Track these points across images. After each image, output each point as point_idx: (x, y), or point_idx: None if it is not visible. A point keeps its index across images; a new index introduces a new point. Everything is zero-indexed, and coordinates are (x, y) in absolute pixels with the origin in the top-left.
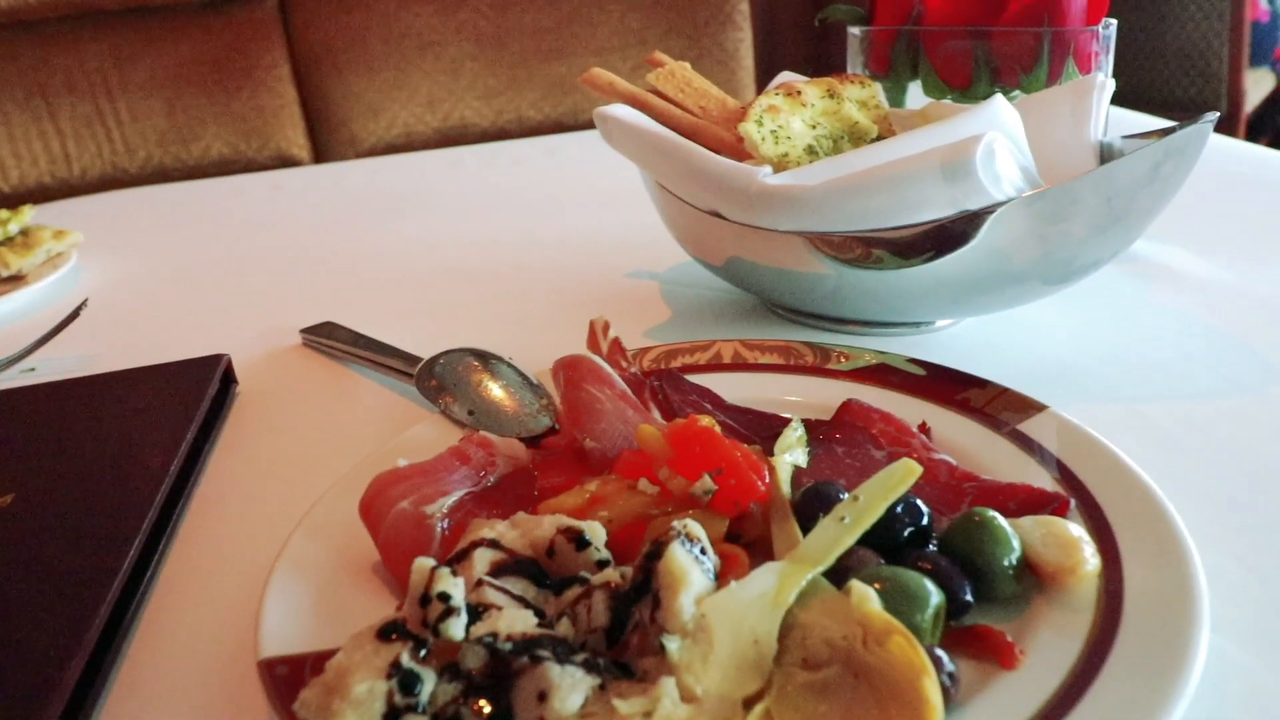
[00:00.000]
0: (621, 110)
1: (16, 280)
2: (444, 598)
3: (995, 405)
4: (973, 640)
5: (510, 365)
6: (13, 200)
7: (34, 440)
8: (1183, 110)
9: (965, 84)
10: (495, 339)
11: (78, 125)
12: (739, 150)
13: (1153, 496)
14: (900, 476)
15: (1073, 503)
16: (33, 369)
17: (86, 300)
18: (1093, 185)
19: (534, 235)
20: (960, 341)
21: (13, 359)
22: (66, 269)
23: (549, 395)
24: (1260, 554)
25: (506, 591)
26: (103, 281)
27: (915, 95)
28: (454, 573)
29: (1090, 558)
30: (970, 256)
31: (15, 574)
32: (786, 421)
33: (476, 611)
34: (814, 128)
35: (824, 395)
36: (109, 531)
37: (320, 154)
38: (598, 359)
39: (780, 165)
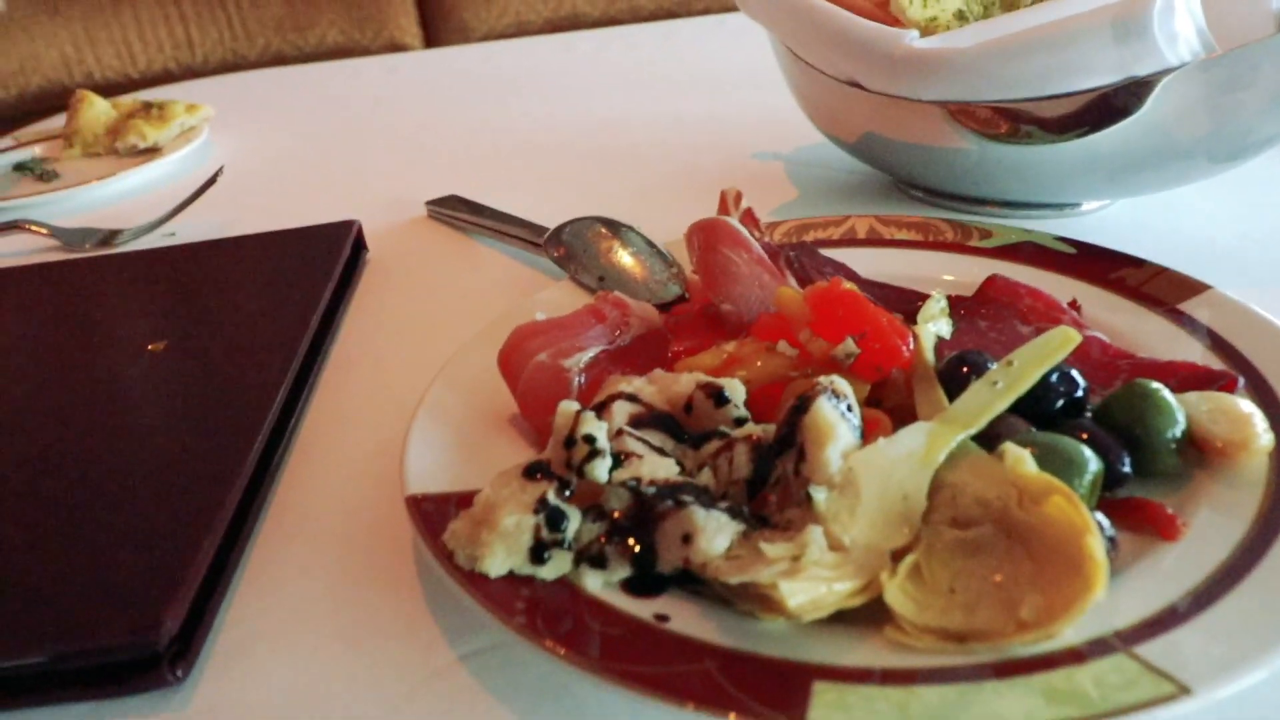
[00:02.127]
0: None
1: (153, 152)
2: (589, 440)
3: (1153, 285)
4: (1131, 512)
5: (638, 233)
6: (140, 86)
7: (181, 296)
8: None
9: None
10: (619, 211)
11: (200, 10)
12: (881, 19)
13: None
14: (1058, 344)
15: (1240, 381)
16: (173, 234)
17: (222, 168)
18: (1275, 52)
19: (653, 116)
20: (1110, 224)
21: (155, 223)
22: (199, 141)
23: (678, 264)
24: None
25: (647, 443)
26: (234, 154)
27: None
28: (598, 415)
29: (1264, 433)
30: (1131, 130)
31: (171, 412)
32: (926, 297)
33: (618, 458)
34: None
35: (966, 272)
36: (256, 377)
37: (432, 42)
38: (734, 222)
39: (928, 29)
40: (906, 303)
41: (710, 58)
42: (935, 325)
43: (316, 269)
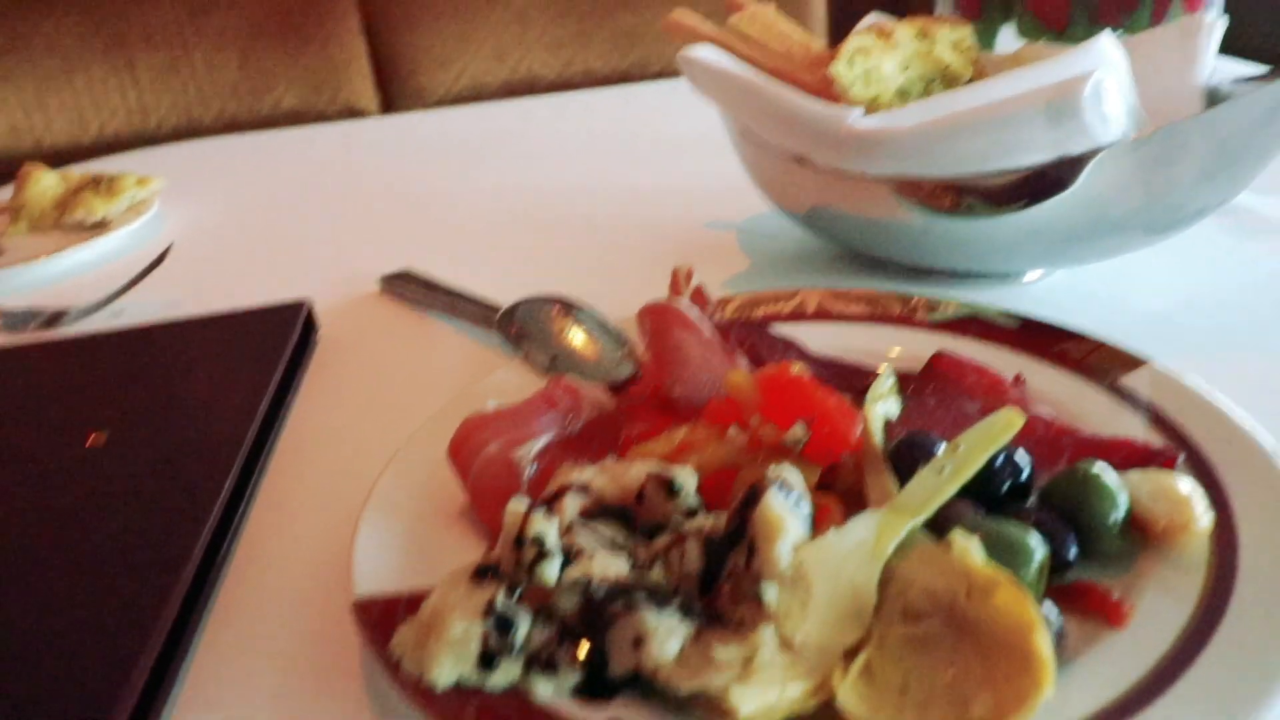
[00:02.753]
0: (706, 52)
1: (101, 226)
2: (538, 540)
3: (1094, 358)
4: (1077, 597)
5: (590, 312)
6: (93, 151)
7: (124, 382)
8: (1260, 57)
9: (1062, 25)
10: (572, 287)
11: (154, 76)
12: (825, 94)
13: (1265, 451)
14: (1002, 427)
15: (1180, 457)
16: (120, 312)
17: (171, 245)
18: (1204, 128)
19: (607, 185)
20: (1051, 293)
21: (101, 303)
22: (149, 215)
23: (630, 342)
24: None
25: (598, 537)
26: (185, 228)
27: (1007, 38)
28: (548, 514)
29: (1203, 514)
30: (1068, 203)
31: (110, 511)
32: (875, 373)
33: (569, 555)
34: (905, 70)
35: (913, 347)
36: (200, 471)
37: (389, 106)
38: (685, 304)
39: (871, 108)
40: (857, 379)
41: (665, 123)
42: (883, 405)
43: (265, 353)
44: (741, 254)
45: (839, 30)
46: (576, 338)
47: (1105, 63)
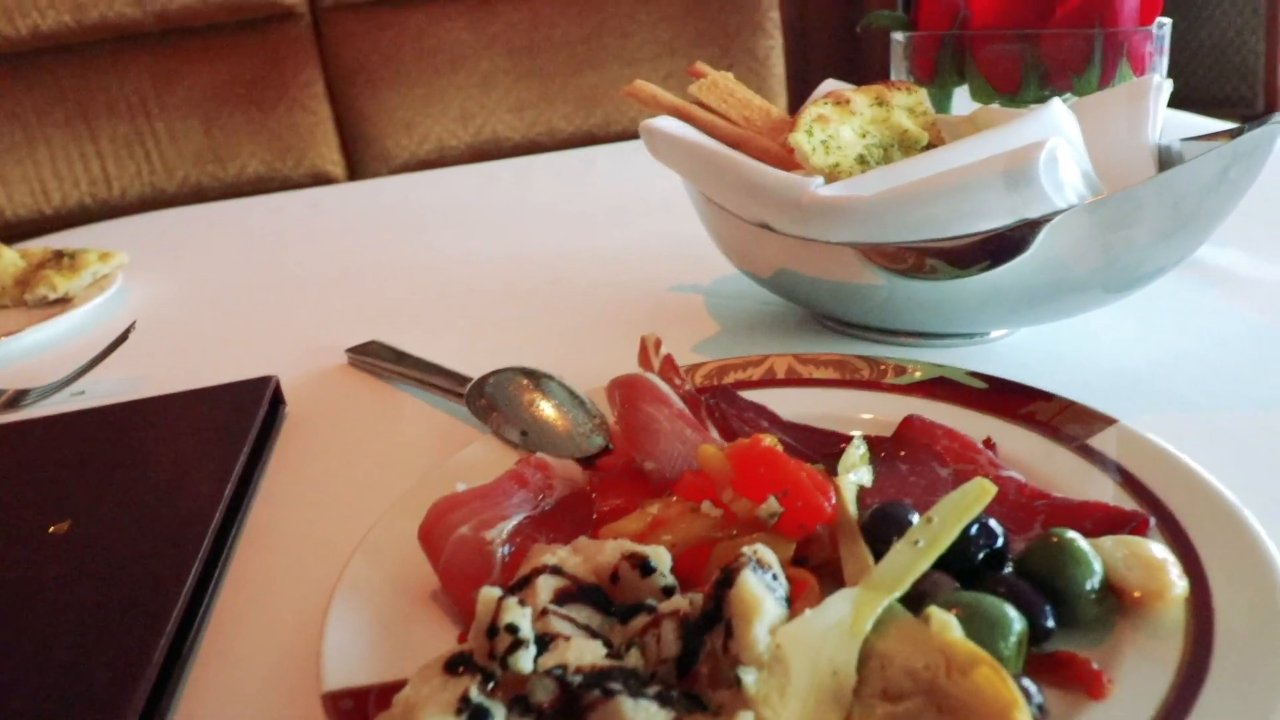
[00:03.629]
0: (666, 123)
1: (64, 303)
2: (511, 629)
3: (1061, 419)
4: (1057, 668)
5: (560, 383)
6: (55, 222)
7: (87, 466)
8: (1219, 107)
9: (1014, 89)
10: (541, 355)
11: (117, 146)
12: (785, 160)
13: (1234, 511)
14: (974, 497)
15: (1152, 521)
16: (82, 392)
17: (135, 323)
18: (1158, 191)
19: (573, 249)
20: (1017, 352)
21: (62, 383)
22: (112, 291)
23: (601, 413)
24: None
25: (572, 620)
26: (148, 302)
27: (961, 100)
28: (521, 602)
29: (1177, 580)
30: (1028, 265)
31: (74, 602)
32: (846, 439)
33: (544, 642)
34: (864, 136)
35: (883, 410)
36: (165, 559)
37: (354, 170)
38: (654, 377)
39: (831, 175)
40: (828, 446)
41: (630, 185)
42: (856, 475)
43: (231, 431)
44: (710, 317)
45: (798, 94)
46: (547, 410)
47: (1058, 129)
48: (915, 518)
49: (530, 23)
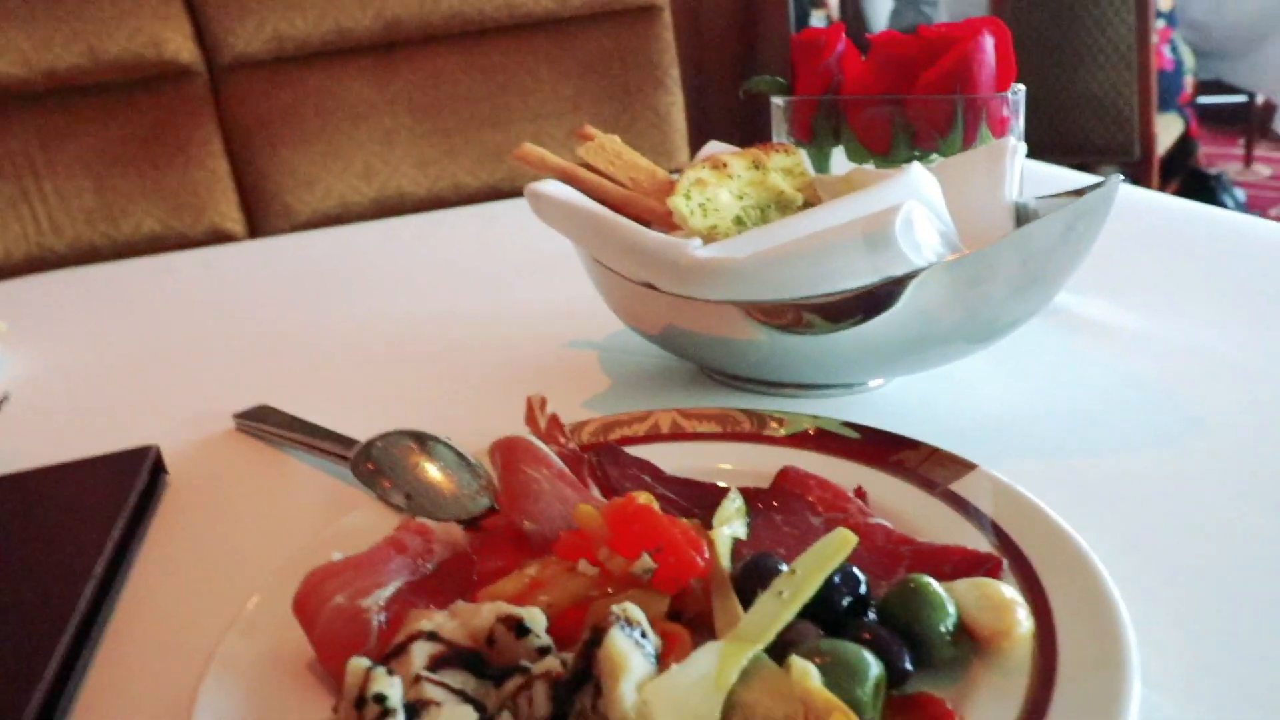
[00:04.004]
0: (552, 186)
1: None
2: (379, 699)
3: (927, 466)
4: (914, 709)
5: (448, 445)
6: None
7: None
8: (1100, 155)
9: (885, 149)
10: (434, 416)
11: (2, 206)
12: (670, 221)
13: (1082, 554)
14: (836, 547)
15: (1005, 563)
16: None
17: (8, 395)
18: (1009, 248)
19: (471, 308)
20: (892, 401)
21: None
22: None
23: (488, 474)
24: (1189, 605)
25: (446, 686)
26: (25, 373)
27: (839, 160)
28: (390, 671)
29: (1023, 620)
30: (896, 319)
31: None
32: (725, 491)
33: (415, 710)
34: (741, 198)
35: (762, 462)
36: (32, 636)
37: (255, 227)
38: (533, 439)
39: (710, 237)
40: (708, 498)
41: (530, 242)
42: (730, 528)
43: (107, 504)
44: (602, 373)
45: (699, 148)
46: (432, 473)
47: (917, 191)
48: (784, 568)
49: (433, 80)
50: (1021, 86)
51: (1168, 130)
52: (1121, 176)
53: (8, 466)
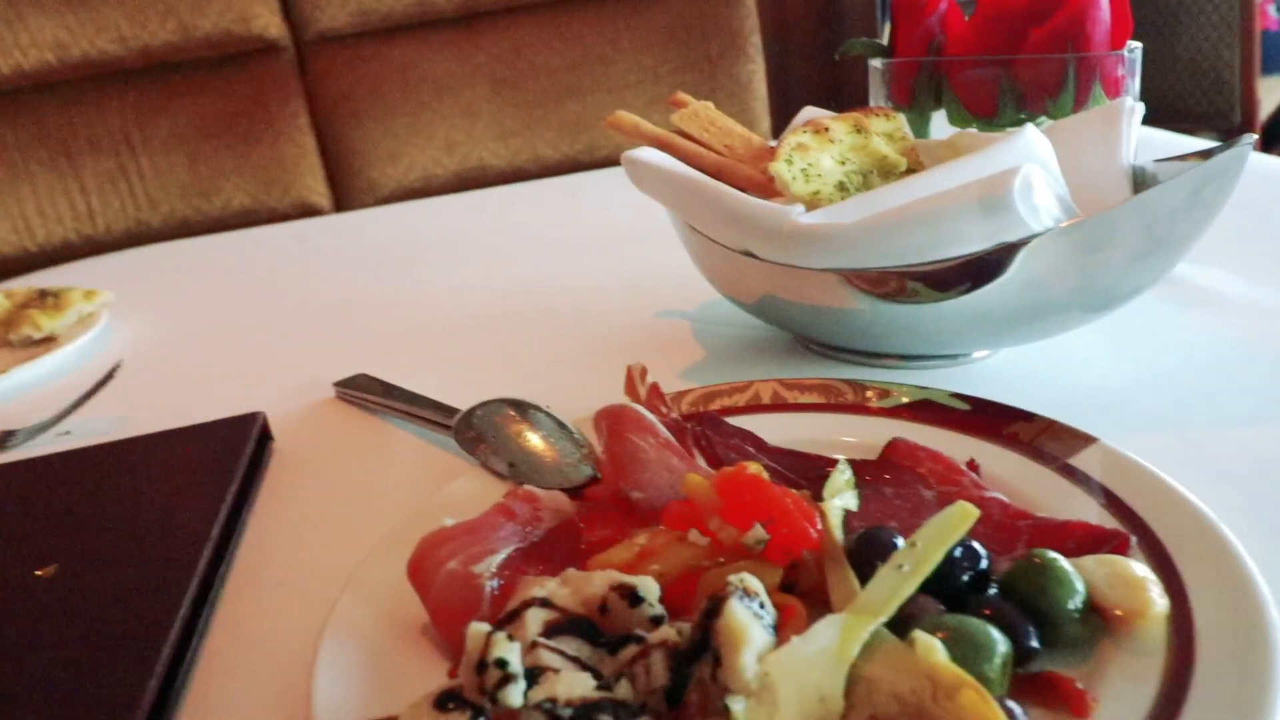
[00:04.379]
0: (648, 153)
1: (48, 342)
2: (501, 664)
3: (1043, 439)
4: (1042, 688)
5: (548, 414)
6: (40, 259)
7: (73, 508)
8: (1197, 122)
9: (990, 113)
10: (528, 385)
11: (101, 182)
12: (767, 188)
13: (1214, 530)
14: (957, 520)
15: (1132, 540)
16: (68, 432)
17: (120, 363)
18: (1132, 213)
19: (559, 278)
20: (999, 372)
21: (48, 423)
22: (97, 329)
23: (588, 443)
24: None
25: (562, 653)
26: (134, 340)
27: (939, 125)
28: (509, 636)
29: (1158, 598)
30: (1007, 288)
31: (61, 646)
32: (832, 463)
33: (533, 675)
34: (843, 164)
35: (868, 433)
36: (153, 600)
37: (340, 201)
38: (638, 407)
39: (812, 203)
40: (814, 470)
41: (614, 212)
42: (841, 499)
43: (219, 470)
44: (696, 343)
45: (780, 118)
46: (534, 441)
47: (1032, 154)
48: (900, 542)
49: (513, 52)
50: (1138, 45)
51: (1271, 94)
52: (1254, 137)
53: (122, 431)
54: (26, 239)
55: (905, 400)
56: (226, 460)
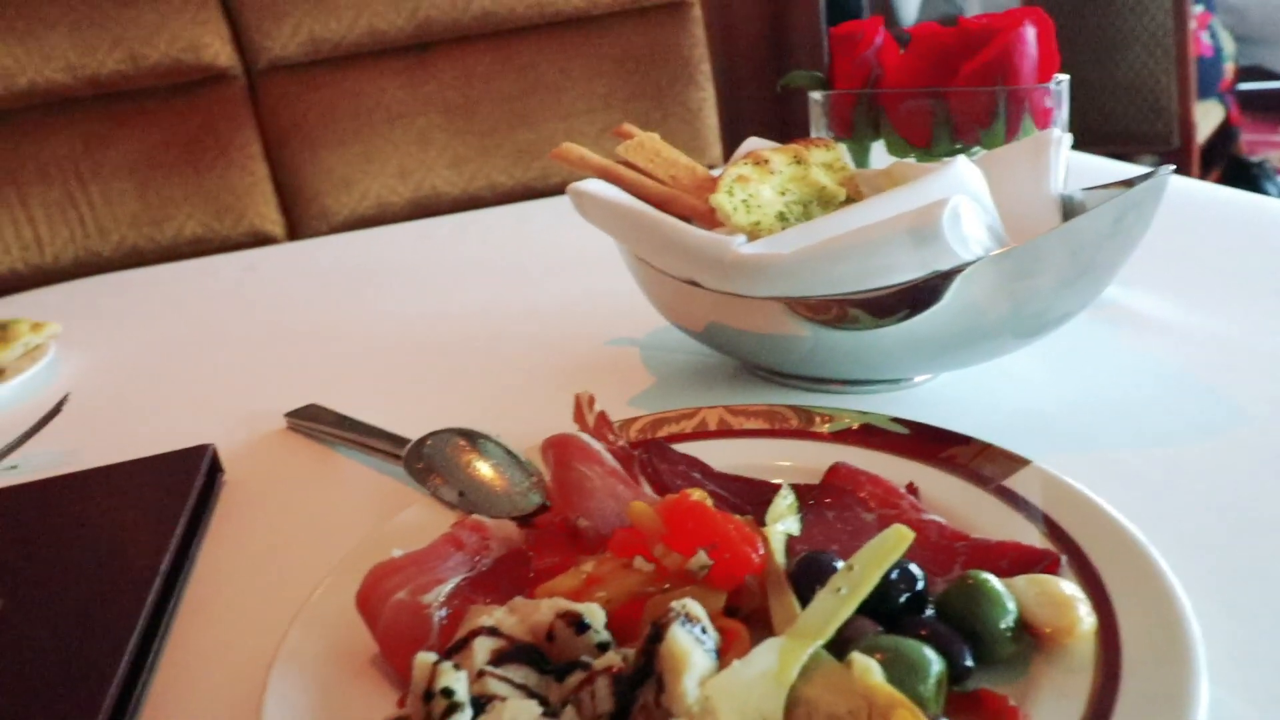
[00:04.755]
0: (594, 185)
1: None
2: (447, 693)
3: (979, 461)
4: (976, 706)
5: (497, 443)
6: None
7: (21, 542)
8: (1138, 144)
9: (926, 143)
10: (479, 413)
11: (49, 211)
12: (711, 217)
13: (1140, 549)
14: (893, 543)
15: (1063, 559)
16: (14, 466)
17: (68, 395)
18: (1057, 241)
19: (510, 305)
20: (938, 396)
21: None
22: (45, 361)
23: (538, 471)
24: (1246, 599)
25: (509, 681)
26: (82, 372)
27: (879, 154)
28: (456, 666)
29: (1085, 616)
30: (943, 314)
31: (10, 679)
32: (776, 488)
33: (480, 704)
34: (783, 194)
35: (811, 458)
36: (101, 634)
37: (294, 228)
38: (585, 436)
39: (753, 233)
40: (758, 495)
41: (564, 240)
42: (784, 524)
43: (168, 503)
44: (644, 370)
45: (731, 144)
46: (484, 470)
47: (962, 184)
48: (839, 565)
49: (465, 80)
50: (1065, 77)
51: (1207, 118)
52: (1172, 167)
53: (72, 464)
54: None
55: (847, 425)
56: (176, 493)
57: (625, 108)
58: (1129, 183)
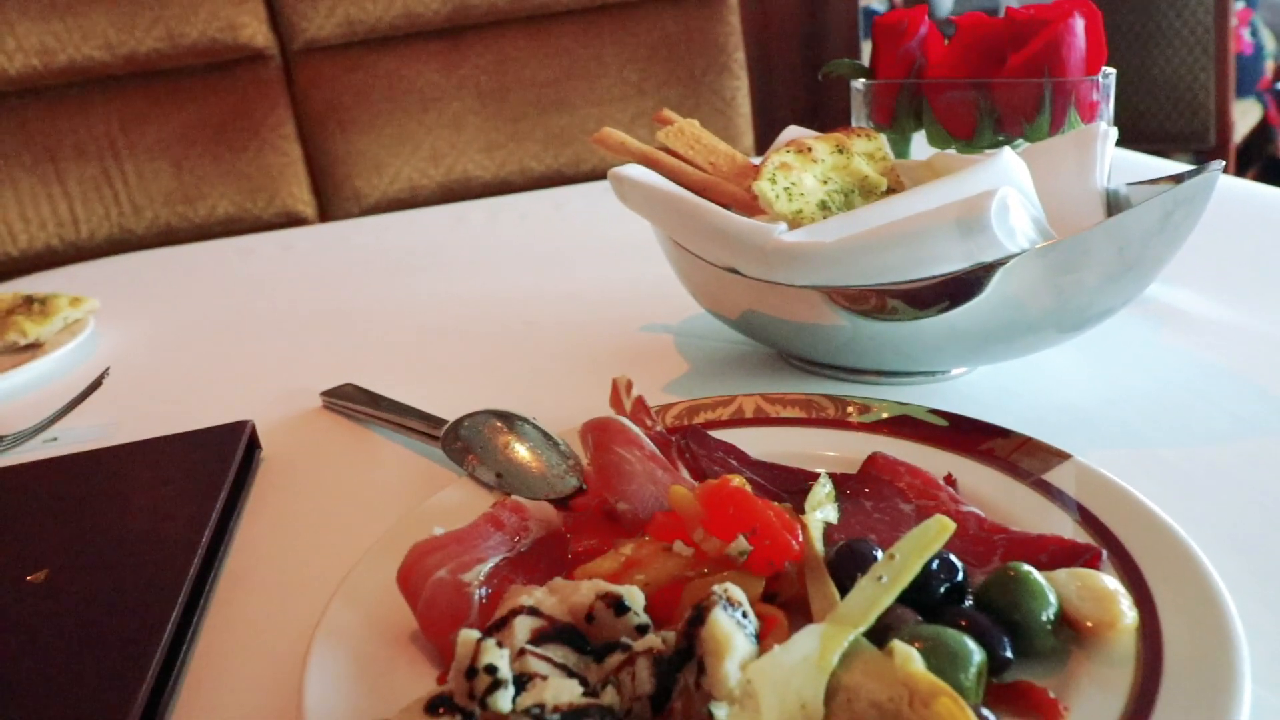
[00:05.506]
0: (635, 170)
1: (34, 348)
2: (490, 669)
3: (1019, 455)
4: (1015, 697)
5: (534, 425)
6: (22, 264)
7: (63, 513)
8: (1173, 142)
9: (969, 134)
10: (514, 396)
11: (85, 188)
12: (750, 205)
13: (1184, 545)
14: (935, 534)
15: (1104, 554)
16: (55, 439)
17: (109, 369)
18: (1104, 235)
19: (544, 290)
20: (975, 389)
21: (35, 429)
22: (84, 336)
23: (574, 455)
24: None
25: (549, 660)
26: (120, 347)
27: (920, 145)
28: (498, 644)
29: (1128, 611)
30: (984, 307)
31: (53, 651)
32: (813, 476)
33: (521, 682)
34: (825, 183)
35: (848, 448)
36: (144, 606)
37: (325, 210)
38: (626, 420)
39: (795, 221)
40: (796, 484)
41: (598, 226)
42: (822, 512)
43: (207, 478)
44: (679, 357)
45: (763, 134)
46: (521, 452)
47: (1009, 176)
48: (879, 554)
49: (499, 65)
50: (1112, 71)
51: (1245, 117)
52: (1222, 163)
53: (110, 437)
54: (9, 244)
55: (885, 416)
56: (215, 468)
57: (659, 94)
58: (1177, 179)
